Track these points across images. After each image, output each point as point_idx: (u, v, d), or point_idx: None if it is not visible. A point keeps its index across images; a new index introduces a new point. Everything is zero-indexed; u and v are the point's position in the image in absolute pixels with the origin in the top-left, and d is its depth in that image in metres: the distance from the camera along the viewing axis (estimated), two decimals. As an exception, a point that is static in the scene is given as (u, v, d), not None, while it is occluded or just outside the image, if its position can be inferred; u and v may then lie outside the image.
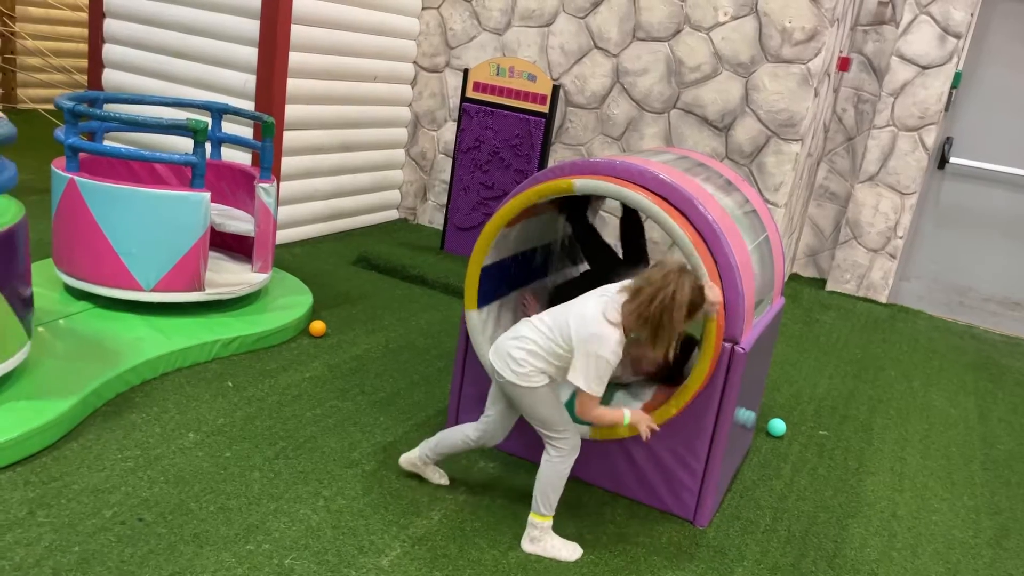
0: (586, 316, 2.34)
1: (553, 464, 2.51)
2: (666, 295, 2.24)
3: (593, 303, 2.37)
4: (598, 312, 2.33)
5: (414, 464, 2.75)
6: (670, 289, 2.25)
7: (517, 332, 2.46)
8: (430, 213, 6.18)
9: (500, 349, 2.47)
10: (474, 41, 5.75)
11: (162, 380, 3.19)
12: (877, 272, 5.94)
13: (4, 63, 7.79)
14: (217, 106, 4.13)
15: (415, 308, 4.47)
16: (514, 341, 2.44)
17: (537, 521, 2.51)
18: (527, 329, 2.44)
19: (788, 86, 4.98)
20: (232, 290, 3.69)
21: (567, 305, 2.43)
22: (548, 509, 2.51)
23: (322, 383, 3.39)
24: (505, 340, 2.47)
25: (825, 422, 3.80)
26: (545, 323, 2.42)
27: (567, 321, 2.36)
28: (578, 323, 2.34)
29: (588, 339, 2.31)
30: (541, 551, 2.50)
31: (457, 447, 2.66)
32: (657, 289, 2.25)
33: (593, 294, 2.41)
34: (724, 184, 3.15)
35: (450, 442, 2.66)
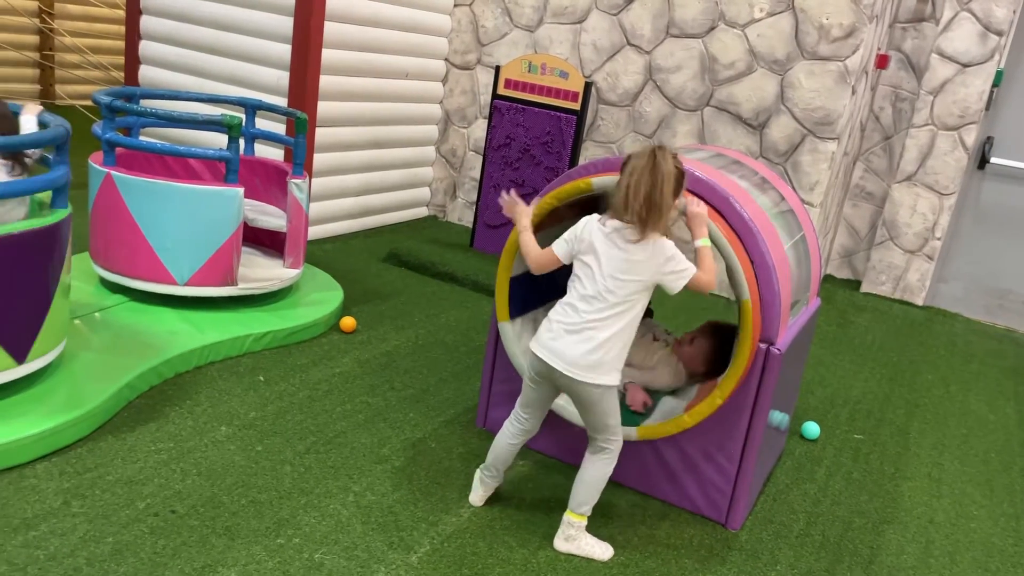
0: (622, 258, 2.30)
1: (603, 466, 2.48)
2: (648, 170, 2.24)
3: (611, 249, 2.31)
4: (624, 243, 2.29)
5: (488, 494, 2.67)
6: (649, 163, 2.24)
7: (585, 334, 2.33)
8: (459, 210, 6.18)
9: (571, 355, 2.33)
10: (506, 38, 5.73)
11: (195, 373, 3.21)
12: (914, 274, 5.83)
13: (43, 59, 7.92)
14: (251, 102, 4.16)
15: (444, 305, 4.46)
16: (586, 344, 2.33)
17: (575, 520, 2.49)
18: (595, 325, 2.33)
19: (825, 84, 4.90)
20: (264, 285, 3.71)
21: (592, 280, 2.34)
22: (589, 509, 2.49)
23: (352, 379, 3.39)
24: (572, 343, 2.33)
25: (860, 426, 3.73)
26: (592, 297, 2.33)
27: (616, 280, 2.31)
28: (625, 267, 2.30)
29: (651, 258, 2.29)
30: (576, 549, 2.48)
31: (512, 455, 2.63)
32: (639, 169, 2.25)
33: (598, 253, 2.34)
34: (760, 182, 3.10)
35: (505, 457, 2.61)
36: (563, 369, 2.34)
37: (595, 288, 2.32)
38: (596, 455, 2.49)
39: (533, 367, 2.45)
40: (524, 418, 2.57)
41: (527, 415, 2.56)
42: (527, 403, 2.55)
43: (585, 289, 2.34)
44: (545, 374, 2.42)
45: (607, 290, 2.32)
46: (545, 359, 2.37)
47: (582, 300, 2.34)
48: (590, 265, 2.34)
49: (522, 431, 2.58)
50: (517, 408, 2.58)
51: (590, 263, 2.34)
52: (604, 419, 2.43)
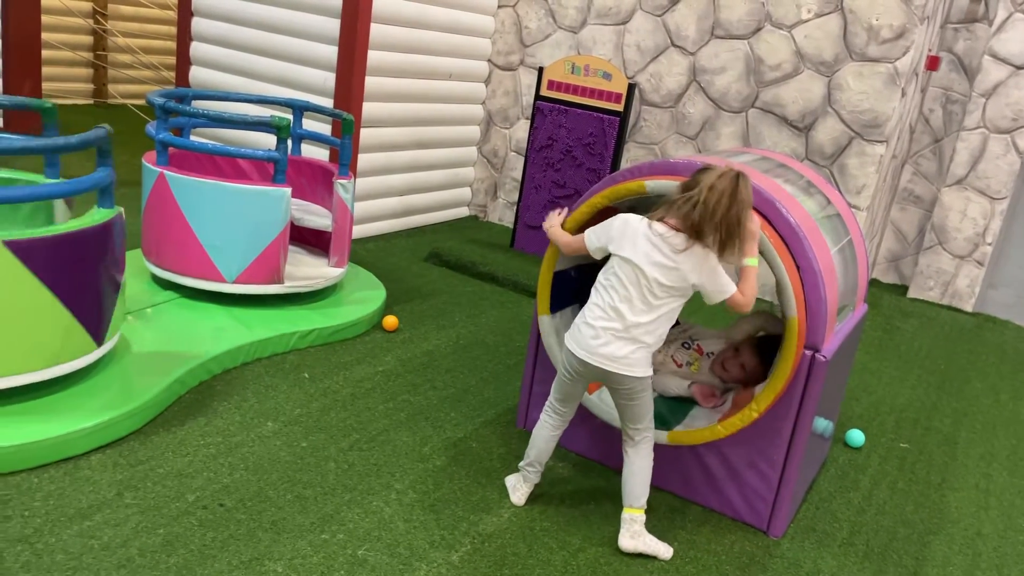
0: (669, 266, 2.31)
1: (647, 456, 2.52)
2: (729, 194, 2.24)
3: (655, 254, 2.31)
4: (670, 250, 2.30)
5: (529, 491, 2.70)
6: (731, 187, 2.25)
7: (632, 338, 2.36)
8: (500, 211, 6.20)
9: (620, 356, 2.37)
10: (549, 39, 5.74)
11: (242, 370, 3.28)
12: (963, 279, 5.70)
13: (96, 59, 8.13)
14: (299, 103, 4.22)
15: (485, 305, 4.49)
16: (632, 346, 2.37)
17: (636, 515, 2.51)
18: (641, 330, 2.36)
19: (873, 85, 4.82)
20: (309, 284, 3.77)
21: (632, 280, 2.34)
22: (645, 502, 2.52)
23: (394, 377, 3.43)
24: (620, 347, 2.37)
25: (906, 434, 3.67)
26: (635, 299, 2.35)
27: (659, 284, 2.32)
28: (673, 275, 2.31)
29: (694, 270, 2.30)
30: (642, 547, 2.49)
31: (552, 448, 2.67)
32: (719, 189, 2.24)
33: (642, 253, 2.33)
34: (805, 186, 3.07)
35: (547, 450, 2.66)
36: (616, 370, 2.38)
37: (641, 294, 2.34)
38: (637, 447, 2.52)
39: (572, 366, 2.48)
40: (563, 411, 2.62)
41: (565, 408, 2.61)
42: (563, 397, 2.59)
43: (631, 296, 2.35)
44: (585, 373, 2.46)
45: (652, 295, 2.33)
46: (593, 362, 2.40)
47: (625, 303, 2.36)
48: (631, 267, 2.35)
49: (562, 422, 2.63)
50: (553, 401, 2.61)
51: (631, 265, 2.34)
52: (644, 408, 2.47)
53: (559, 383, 2.58)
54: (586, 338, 2.43)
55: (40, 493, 2.35)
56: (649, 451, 2.53)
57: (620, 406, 2.50)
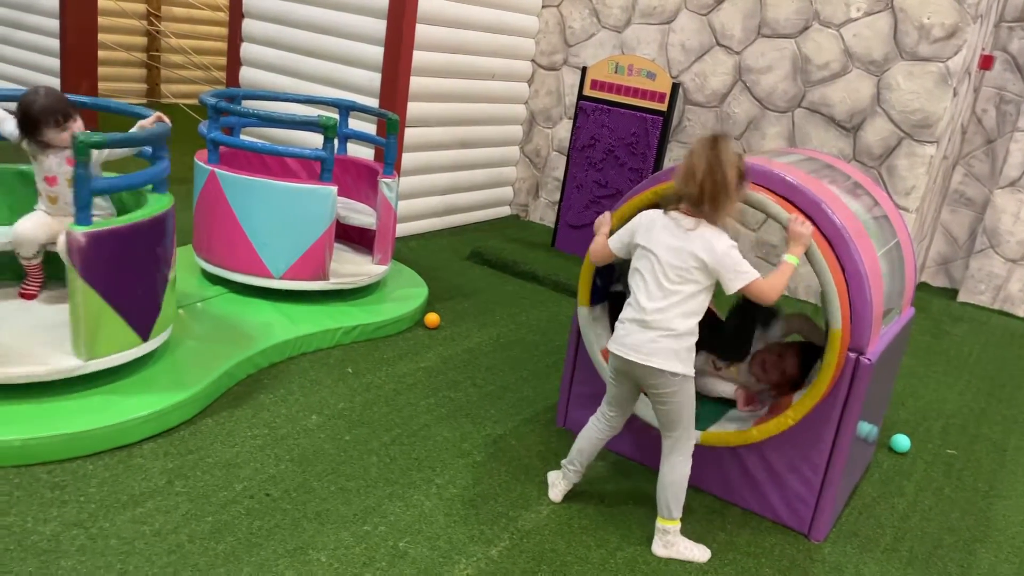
0: (679, 247, 2.32)
1: (683, 466, 2.50)
2: (705, 153, 2.26)
3: (667, 237, 2.34)
4: (681, 232, 2.32)
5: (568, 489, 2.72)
6: (708, 145, 2.27)
7: (655, 325, 2.36)
8: (541, 210, 6.22)
9: (644, 344, 2.37)
10: (593, 39, 5.74)
11: (288, 364, 3.35)
12: (1016, 284, 5.56)
13: (149, 60, 8.35)
14: (345, 103, 4.29)
15: (525, 304, 4.51)
16: (654, 332, 2.35)
17: (669, 526, 2.50)
18: (663, 315, 2.35)
19: (924, 85, 4.73)
20: (354, 280, 3.83)
21: (652, 274, 2.36)
22: (679, 512, 2.50)
23: (435, 374, 3.48)
24: (643, 334, 2.36)
25: (953, 441, 3.60)
26: (651, 285, 2.35)
27: (677, 268, 2.33)
28: (684, 255, 2.32)
29: (705, 250, 2.30)
30: (675, 554, 2.49)
31: (597, 450, 2.68)
32: (697, 151, 2.27)
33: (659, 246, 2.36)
34: (852, 187, 3.03)
35: (590, 451, 2.67)
36: (639, 359, 2.37)
37: (655, 279, 2.35)
38: (673, 455, 2.50)
39: (612, 365, 2.49)
40: (611, 415, 2.61)
41: (613, 412, 2.61)
42: (611, 400, 2.59)
43: (647, 283, 2.37)
44: (624, 370, 2.46)
45: (667, 279, 2.33)
46: (622, 354, 2.41)
47: (646, 295, 2.37)
48: (649, 257, 2.36)
49: (609, 428, 2.63)
50: (603, 405, 2.62)
51: (649, 255, 2.36)
52: (679, 412, 2.44)
53: (607, 386, 2.59)
54: (618, 332, 2.46)
55: (95, 480, 2.43)
56: (684, 462, 2.49)
57: (655, 409, 2.50)
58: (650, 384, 2.43)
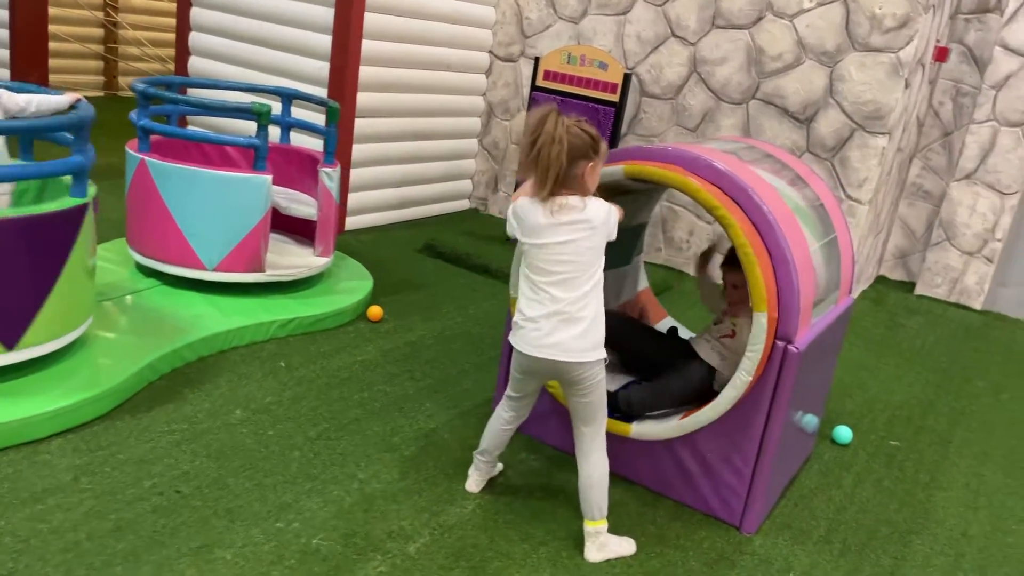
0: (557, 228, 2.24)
1: (604, 460, 2.42)
2: (542, 131, 2.17)
3: (544, 223, 2.25)
4: (550, 213, 2.24)
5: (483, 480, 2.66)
6: (542, 125, 2.18)
7: (575, 319, 2.27)
8: (500, 204, 6.15)
9: (571, 343, 2.27)
10: (550, 30, 5.67)
11: (218, 357, 3.26)
12: (972, 276, 5.56)
13: (107, 52, 8.19)
14: (287, 91, 4.21)
15: (475, 297, 4.45)
16: (578, 327, 2.27)
17: (599, 527, 2.42)
18: (577, 306, 2.27)
19: (876, 76, 4.71)
20: (292, 272, 3.75)
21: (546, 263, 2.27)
22: (606, 509, 2.42)
23: (373, 367, 3.40)
24: (567, 332, 2.27)
25: (898, 432, 3.58)
26: (556, 277, 2.26)
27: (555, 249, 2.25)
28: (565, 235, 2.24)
29: (598, 221, 2.25)
30: (609, 554, 2.42)
31: (506, 439, 2.61)
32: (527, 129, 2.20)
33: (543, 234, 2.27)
34: (792, 178, 2.99)
35: (499, 441, 2.60)
36: (564, 358, 2.29)
37: (550, 267, 2.26)
38: (594, 452, 2.42)
39: (521, 365, 2.40)
40: (515, 405, 2.54)
41: (517, 403, 2.53)
42: (516, 390, 2.51)
43: (546, 274, 2.27)
44: (534, 370, 2.38)
45: (560, 263, 2.25)
46: (543, 356, 2.31)
47: (551, 285, 2.27)
48: (542, 247, 2.26)
49: (514, 417, 2.56)
50: (508, 394, 2.54)
51: (541, 244, 2.26)
52: (601, 398, 2.38)
53: (511, 378, 2.50)
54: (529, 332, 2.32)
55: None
56: (603, 456, 2.41)
57: (574, 403, 2.40)
58: (574, 379, 2.34)
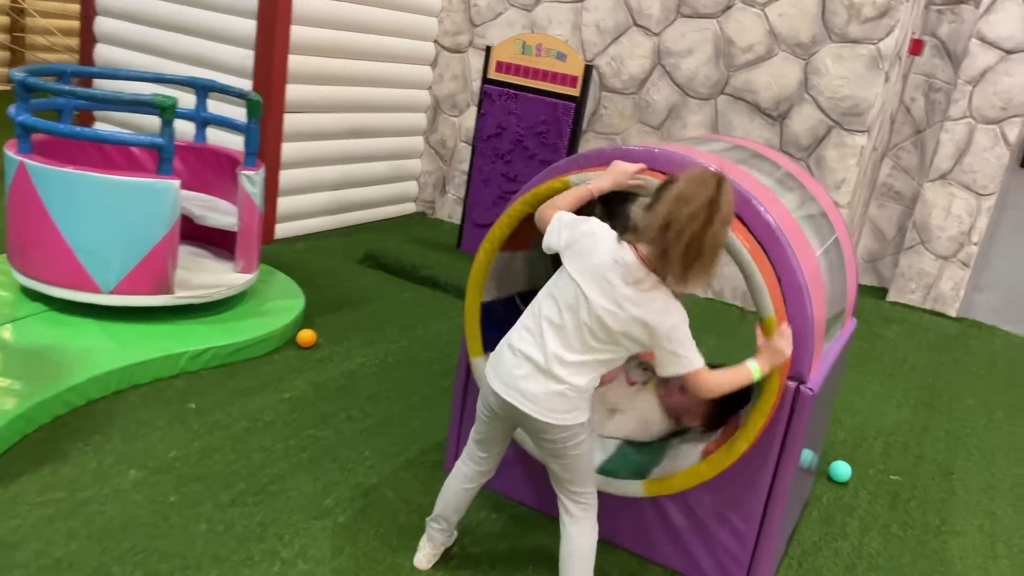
0: (620, 301, 1.78)
1: (591, 531, 2.01)
2: (705, 206, 1.69)
3: (612, 281, 1.78)
4: (629, 285, 1.77)
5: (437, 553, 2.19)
6: (703, 197, 1.70)
7: (555, 376, 1.84)
8: (450, 207, 5.67)
9: (551, 400, 1.85)
10: (500, 18, 5.21)
11: (113, 400, 2.72)
12: (947, 282, 5.29)
13: (13, 43, 7.45)
14: (201, 82, 3.66)
15: (423, 314, 3.96)
16: (556, 386, 1.84)
17: None
18: (568, 368, 1.83)
19: (854, 69, 4.37)
20: (207, 293, 3.22)
21: (569, 303, 1.82)
22: None
23: (303, 406, 2.90)
24: (541, 384, 1.85)
25: (896, 464, 3.22)
26: (568, 331, 1.83)
27: (599, 323, 1.79)
28: (620, 316, 1.78)
29: (649, 320, 1.77)
30: None
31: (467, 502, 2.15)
32: (692, 199, 1.70)
33: (591, 272, 1.81)
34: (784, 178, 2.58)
35: (457, 504, 2.14)
36: (534, 413, 1.85)
37: (575, 322, 1.82)
38: (578, 519, 2.00)
39: (489, 402, 1.97)
40: (480, 456, 2.09)
41: (484, 453, 2.08)
42: (481, 439, 2.07)
43: (565, 326, 1.83)
44: (504, 413, 1.93)
45: (594, 336, 1.82)
46: (510, 399, 1.88)
47: (555, 331, 1.84)
48: (577, 293, 1.82)
49: (478, 472, 2.11)
50: (470, 444, 2.10)
51: (578, 291, 1.82)
52: (585, 462, 1.95)
53: (477, 420, 2.06)
54: (505, 364, 1.92)
55: None
56: (591, 525, 2.01)
57: (548, 462, 1.98)
58: (544, 438, 1.92)
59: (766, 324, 2.02)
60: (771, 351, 1.96)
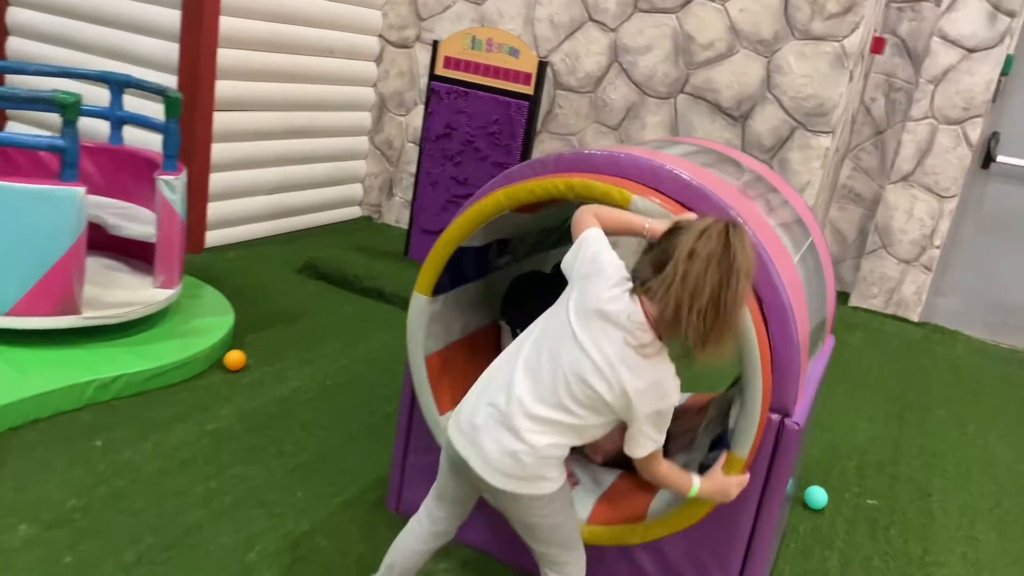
0: (613, 361, 1.53)
1: None
2: (717, 259, 1.46)
3: (611, 335, 1.53)
4: (626, 349, 1.52)
5: None
6: (717, 251, 1.47)
7: (516, 430, 1.56)
8: (397, 211, 5.38)
9: (507, 462, 1.58)
10: (449, 11, 4.94)
11: (7, 438, 2.38)
12: (909, 287, 5.17)
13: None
14: (116, 78, 3.31)
15: (366, 329, 3.67)
16: (515, 444, 1.57)
17: None
18: (535, 424, 1.57)
19: (818, 68, 4.19)
20: (120, 313, 2.88)
21: (554, 345, 1.57)
22: None
23: (228, 440, 2.59)
24: (497, 437, 1.58)
25: (872, 485, 3.03)
26: (543, 379, 1.57)
27: (581, 377, 1.54)
28: (604, 379, 1.53)
29: (640, 395, 1.53)
30: None
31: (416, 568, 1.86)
32: (704, 255, 1.46)
33: (587, 315, 1.56)
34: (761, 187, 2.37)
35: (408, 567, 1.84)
36: (483, 474, 1.59)
37: (553, 370, 1.56)
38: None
39: (448, 453, 1.70)
40: (437, 515, 1.81)
41: (441, 512, 1.80)
42: (441, 494, 1.79)
43: (539, 362, 1.58)
44: (462, 469, 1.66)
45: (566, 387, 1.56)
46: (463, 454, 1.61)
47: (528, 375, 1.58)
48: (568, 331, 1.57)
49: (432, 534, 1.82)
50: (430, 498, 1.83)
51: (569, 329, 1.56)
52: (553, 537, 1.68)
53: (440, 470, 1.79)
54: (464, 405, 1.66)
55: None
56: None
57: (516, 529, 1.72)
58: (504, 505, 1.66)
59: (732, 460, 1.80)
60: (719, 487, 1.75)
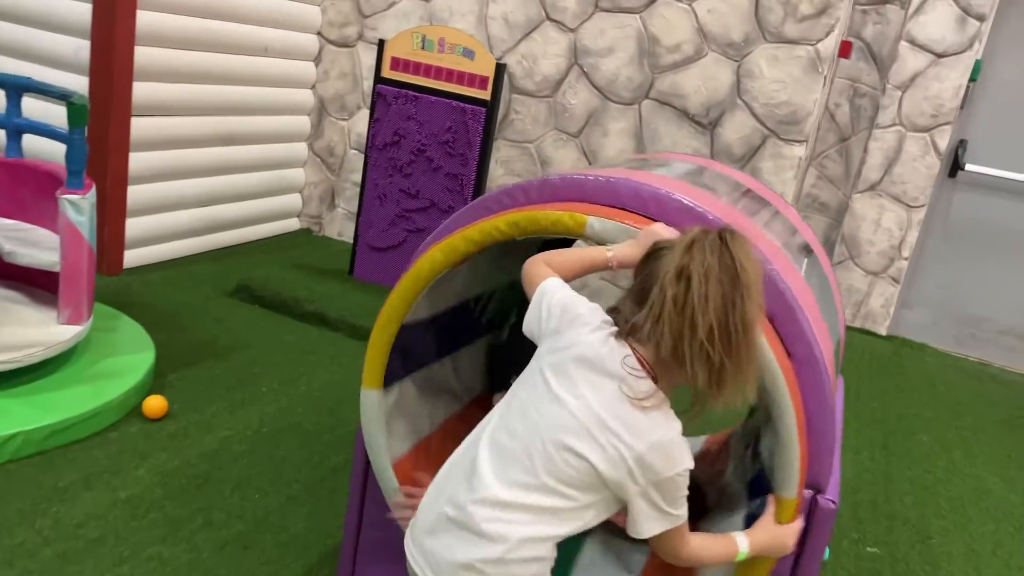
0: (603, 417, 1.20)
1: None
2: (710, 283, 1.15)
3: (598, 385, 1.22)
4: (620, 402, 1.20)
5: None
6: (713, 265, 1.16)
7: (482, 526, 1.22)
8: (340, 223, 4.98)
9: (439, 560, 1.25)
10: (393, 8, 4.56)
11: None
12: (877, 299, 5.00)
13: None
14: (13, 80, 2.86)
15: (309, 363, 3.28)
16: (462, 532, 1.24)
17: None
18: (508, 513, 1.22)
19: (791, 73, 3.96)
20: (17, 357, 2.44)
21: (527, 409, 1.25)
22: None
23: (145, 510, 2.19)
24: (449, 536, 1.25)
25: (870, 530, 2.79)
26: (517, 455, 1.23)
27: (562, 443, 1.21)
28: (594, 441, 1.20)
29: (641, 461, 1.20)
30: None
31: None
32: (702, 270, 1.16)
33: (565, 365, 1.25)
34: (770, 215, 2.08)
35: None
36: None
37: (530, 443, 1.23)
38: None
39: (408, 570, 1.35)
40: None
41: None
42: None
43: (513, 438, 1.24)
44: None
45: (547, 462, 1.22)
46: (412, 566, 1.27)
47: (496, 454, 1.25)
48: (547, 395, 1.24)
49: None
50: None
51: (548, 391, 1.24)
52: None
53: None
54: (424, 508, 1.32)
55: None
56: None
57: None
58: None
59: (782, 505, 1.49)
60: (773, 538, 1.45)
